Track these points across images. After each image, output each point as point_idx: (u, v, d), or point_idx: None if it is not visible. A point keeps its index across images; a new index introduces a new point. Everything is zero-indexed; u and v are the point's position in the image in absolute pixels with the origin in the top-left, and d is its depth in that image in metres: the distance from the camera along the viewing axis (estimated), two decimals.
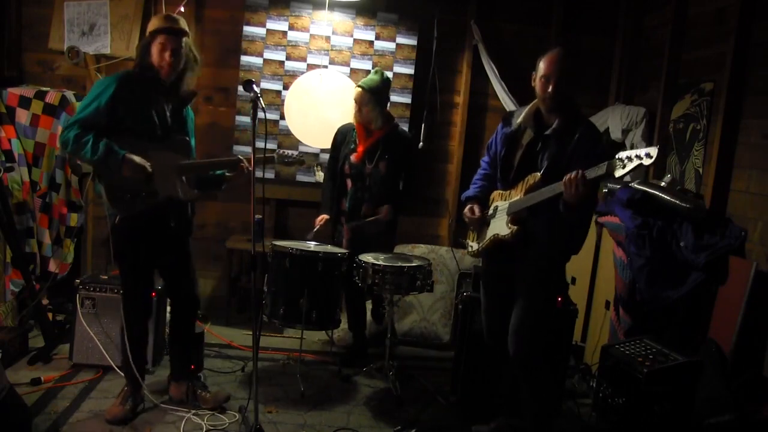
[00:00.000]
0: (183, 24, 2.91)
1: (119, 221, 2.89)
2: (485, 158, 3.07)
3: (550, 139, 2.69)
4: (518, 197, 2.72)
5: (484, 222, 2.93)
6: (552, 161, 2.66)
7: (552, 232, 2.70)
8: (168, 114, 2.93)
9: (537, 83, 2.73)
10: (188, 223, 3.11)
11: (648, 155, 2.23)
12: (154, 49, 2.83)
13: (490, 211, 2.91)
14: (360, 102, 3.72)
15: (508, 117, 2.92)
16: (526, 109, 2.82)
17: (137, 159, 2.77)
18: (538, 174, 2.67)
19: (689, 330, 3.30)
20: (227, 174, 3.11)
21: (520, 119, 2.81)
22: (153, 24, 2.87)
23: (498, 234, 2.80)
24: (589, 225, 2.81)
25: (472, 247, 3.03)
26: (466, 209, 2.98)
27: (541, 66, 2.70)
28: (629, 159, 2.28)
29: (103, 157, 2.72)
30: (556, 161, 2.65)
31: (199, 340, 3.41)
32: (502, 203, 2.84)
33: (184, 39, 2.88)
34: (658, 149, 2.27)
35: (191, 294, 3.18)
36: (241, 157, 3.03)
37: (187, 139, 2.99)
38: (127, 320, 3.05)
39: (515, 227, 2.71)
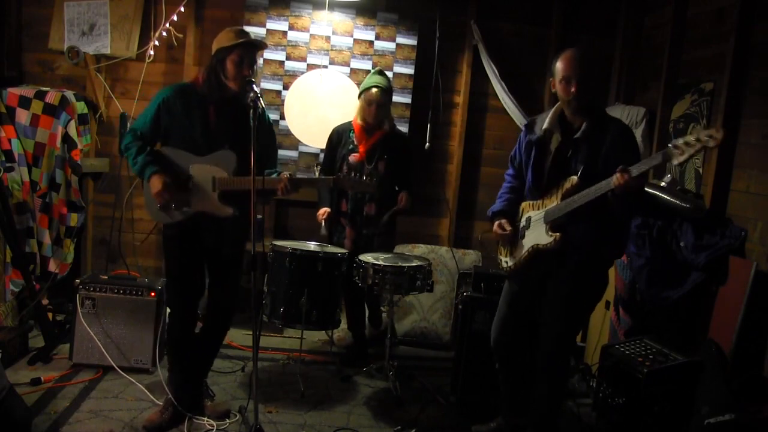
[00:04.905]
0: (255, 38, 2.86)
1: (164, 227, 2.96)
2: (509, 171, 2.99)
3: (581, 143, 2.63)
4: (554, 204, 2.65)
5: (516, 236, 2.84)
6: (587, 164, 2.59)
7: (595, 237, 2.62)
8: (217, 127, 2.84)
9: (558, 87, 2.65)
10: (227, 240, 2.94)
11: (711, 136, 2.14)
12: (230, 64, 2.77)
13: (523, 223, 2.82)
14: (378, 102, 3.72)
15: (531, 124, 2.84)
16: (550, 113, 2.74)
17: (155, 184, 2.75)
18: (575, 177, 2.59)
19: (689, 330, 3.30)
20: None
21: (545, 125, 2.72)
22: (228, 38, 2.78)
23: (538, 244, 2.70)
24: (630, 226, 2.76)
25: (506, 263, 2.91)
26: (496, 226, 2.87)
27: (559, 68, 2.63)
28: (687, 144, 2.18)
29: (138, 173, 2.81)
30: (592, 163, 2.58)
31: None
32: (535, 213, 2.75)
33: (259, 52, 2.85)
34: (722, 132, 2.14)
35: (222, 308, 3.07)
36: (287, 174, 2.87)
37: (231, 152, 2.84)
38: (168, 328, 3.11)
39: (557, 234, 2.62)
